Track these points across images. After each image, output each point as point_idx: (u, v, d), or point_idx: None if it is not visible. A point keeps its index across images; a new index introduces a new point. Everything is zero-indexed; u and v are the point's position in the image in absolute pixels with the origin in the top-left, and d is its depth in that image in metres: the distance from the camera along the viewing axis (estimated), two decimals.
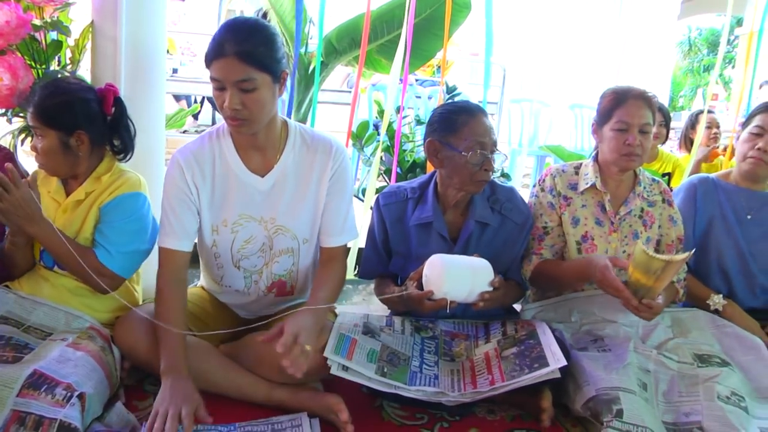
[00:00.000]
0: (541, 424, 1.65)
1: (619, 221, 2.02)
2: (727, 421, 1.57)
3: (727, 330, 1.98)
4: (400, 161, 2.63)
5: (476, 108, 1.87)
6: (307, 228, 1.76)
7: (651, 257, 1.65)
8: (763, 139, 2.10)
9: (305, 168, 1.72)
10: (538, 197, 2.05)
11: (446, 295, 1.65)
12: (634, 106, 1.91)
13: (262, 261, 1.76)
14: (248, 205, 1.70)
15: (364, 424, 1.58)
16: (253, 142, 1.66)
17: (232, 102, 1.50)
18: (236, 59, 1.48)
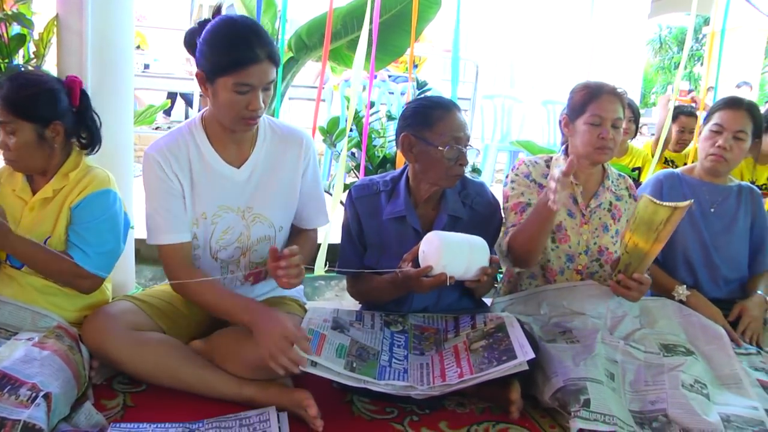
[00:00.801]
0: (510, 416, 1.67)
1: (590, 213, 2.06)
2: (690, 408, 1.62)
3: (692, 320, 2.03)
4: (370, 156, 2.64)
5: (450, 103, 1.88)
6: (282, 215, 1.80)
7: (658, 205, 1.74)
8: (722, 136, 2.15)
9: (278, 158, 1.76)
10: (516, 181, 2.07)
11: (444, 269, 1.66)
12: (608, 101, 1.96)
13: (239, 251, 1.78)
14: (226, 197, 1.72)
15: (334, 419, 1.59)
16: (231, 136, 1.69)
17: (260, 104, 1.56)
18: (269, 63, 1.55)
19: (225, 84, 1.55)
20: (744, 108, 2.16)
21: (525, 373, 1.59)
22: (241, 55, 1.52)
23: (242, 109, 1.58)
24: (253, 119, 1.61)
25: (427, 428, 1.61)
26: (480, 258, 1.71)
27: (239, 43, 1.53)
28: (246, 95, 1.55)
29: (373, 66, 2.63)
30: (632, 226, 1.84)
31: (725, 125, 2.15)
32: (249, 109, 1.57)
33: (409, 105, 1.92)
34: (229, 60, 1.53)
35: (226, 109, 1.59)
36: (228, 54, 1.53)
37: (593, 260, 2.07)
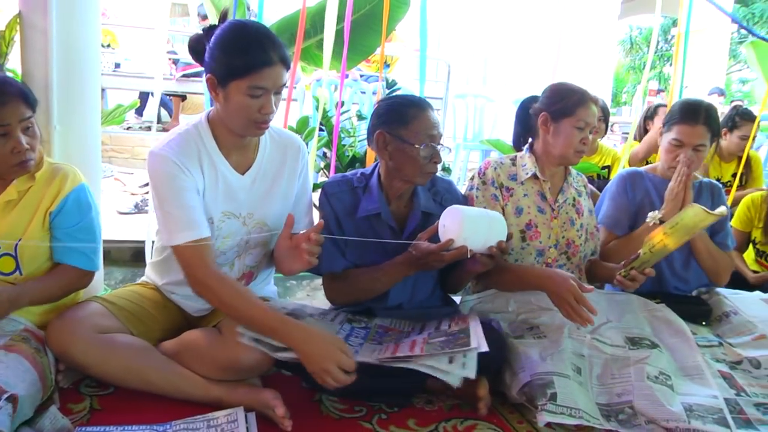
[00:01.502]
0: (478, 412, 1.69)
1: (558, 208, 2.11)
2: (655, 399, 1.66)
3: (657, 314, 2.07)
4: (339, 156, 2.64)
5: (424, 102, 1.89)
6: (281, 221, 1.79)
7: (709, 214, 1.89)
8: (683, 150, 2.19)
9: (278, 164, 1.79)
10: (481, 190, 2.09)
11: (465, 241, 1.66)
12: (592, 108, 2.04)
13: (234, 254, 1.78)
14: (230, 203, 1.72)
15: (302, 419, 1.59)
16: (238, 142, 1.70)
17: (272, 107, 1.57)
18: (282, 66, 1.56)
19: (238, 87, 1.54)
20: (701, 122, 2.18)
21: (494, 370, 1.61)
22: (256, 58, 1.52)
23: (255, 113, 1.57)
24: (265, 123, 1.61)
25: (395, 426, 1.62)
26: (499, 231, 1.73)
27: (254, 46, 1.52)
28: (259, 99, 1.55)
29: (345, 65, 2.63)
30: (668, 230, 1.92)
31: (685, 141, 2.19)
32: (261, 113, 1.57)
33: (382, 103, 1.92)
34: (244, 63, 1.52)
35: (238, 113, 1.58)
36: (242, 57, 1.52)
37: (561, 253, 2.11)
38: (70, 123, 1.79)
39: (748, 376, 1.95)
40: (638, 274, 1.95)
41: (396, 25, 3.03)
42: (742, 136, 3.68)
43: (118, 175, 5.02)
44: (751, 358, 1.99)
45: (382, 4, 2.59)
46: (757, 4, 16.34)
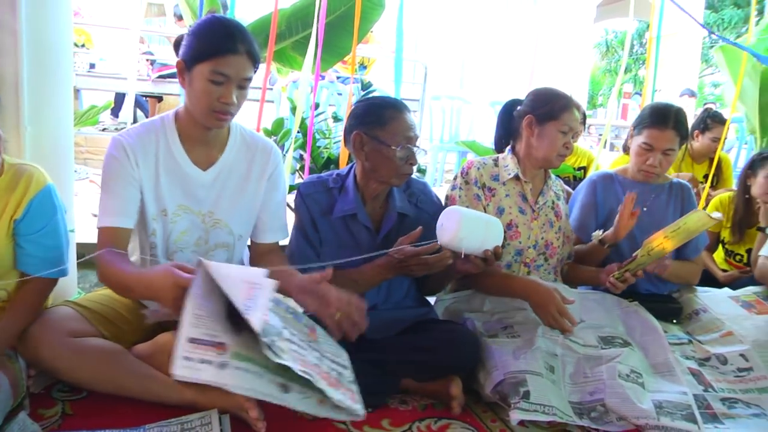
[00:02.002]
0: (452, 411, 1.70)
1: (539, 210, 2.14)
2: (626, 397, 1.69)
3: (631, 313, 2.10)
4: (315, 157, 2.64)
5: (401, 103, 1.90)
6: (243, 224, 1.80)
7: (711, 219, 1.97)
8: (653, 154, 2.24)
9: (245, 165, 1.77)
10: (464, 189, 2.10)
11: (461, 242, 1.68)
12: (576, 113, 2.08)
13: (196, 256, 1.74)
14: (188, 197, 1.72)
15: (276, 420, 1.58)
16: (201, 136, 1.70)
17: (233, 98, 1.57)
18: (247, 58, 1.57)
19: (202, 72, 1.56)
20: (671, 126, 2.22)
21: (466, 369, 1.62)
22: (221, 43, 1.55)
23: (214, 101, 1.58)
24: (224, 114, 1.60)
25: (369, 426, 1.62)
26: (495, 235, 1.75)
27: (221, 33, 1.57)
28: (220, 86, 1.56)
29: (319, 67, 2.63)
30: (669, 234, 1.99)
31: (654, 145, 2.23)
32: (221, 102, 1.58)
33: (359, 103, 1.92)
34: (209, 47, 1.55)
35: (199, 99, 1.59)
36: (209, 41, 1.56)
37: (540, 254, 2.14)
38: (42, 124, 1.76)
39: (716, 372, 1.99)
40: (630, 276, 2.01)
41: (371, 27, 3.04)
42: (713, 138, 3.75)
43: (94, 177, 4.96)
44: (719, 354, 2.04)
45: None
46: (726, 10, 16.72)
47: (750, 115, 4.74)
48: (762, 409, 1.85)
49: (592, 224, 2.33)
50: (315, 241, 1.88)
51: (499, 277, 1.99)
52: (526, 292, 1.89)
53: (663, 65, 7.47)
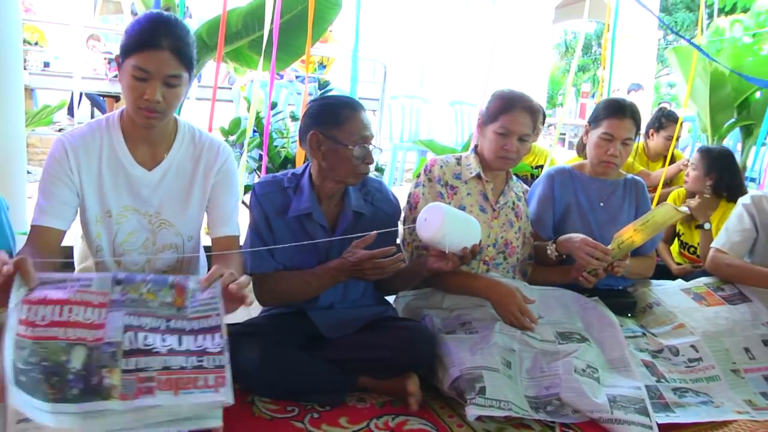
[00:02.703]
0: (409, 408, 1.70)
1: (499, 209, 2.16)
2: (581, 391, 1.71)
3: (589, 308, 2.13)
4: (272, 156, 2.62)
5: (356, 103, 1.90)
6: (191, 225, 1.76)
7: (678, 211, 2.07)
8: (613, 144, 2.27)
9: (192, 165, 1.73)
10: (427, 187, 2.11)
11: (443, 238, 1.70)
12: (519, 116, 2.04)
13: (143, 258, 1.73)
14: (134, 198, 1.68)
15: (234, 421, 1.56)
16: (145, 135, 1.66)
17: (156, 95, 1.51)
18: (171, 54, 1.51)
19: (127, 67, 1.52)
20: (628, 116, 2.28)
21: (423, 367, 1.63)
22: (143, 38, 1.51)
23: (139, 98, 1.53)
24: (150, 111, 1.55)
25: (327, 425, 1.62)
26: (474, 235, 1.78)
27: (147, 28, 1.52)
28: (144, 83, 1.52)
29: (274, 66, 2.61)
30: (638, 227, 2.06)
31: (614, 134, 2.26)
32: (144, 98, 1.52)
33: (314, 103, 1.90)
34: (134, 42, 1.51)
35: (127, 96, 1.56)
36: (134, 37, 1.52)
37: (499, 252, 2.15)
38: None
39: (668, 363, 2.04)
40: (602, 271, 2.06)
41: (328, 26, 3.02)
42: (667, 136, 3.85)
43: None
44: (671, 346, 2.08)
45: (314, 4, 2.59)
46: (680, 14, 17.24)
47: (701, 114, 4.87)
48: (709, 397, 1.91)
49: (549, 218, 2.35)
50: (269, 242, 1.86)
51: (461, 276, 1.99)
52: (488, 291, 1.91)
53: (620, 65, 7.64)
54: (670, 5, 17.45)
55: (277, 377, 1.71)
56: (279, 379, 1.71)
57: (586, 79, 17.23)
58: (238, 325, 1.82)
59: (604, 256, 2.04)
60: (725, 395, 1.92)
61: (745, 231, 2.37)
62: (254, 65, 2.81)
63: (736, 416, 1.82)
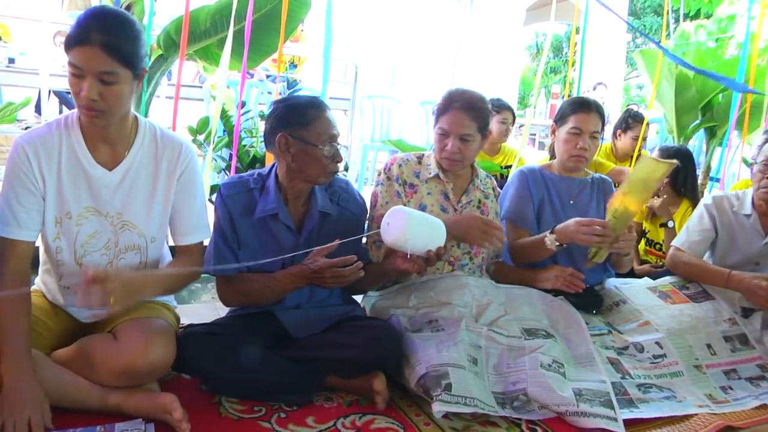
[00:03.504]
0: (376, 407, 1.71)
1: (462, 208, 2.16)
2: (547, 386, 1.74)
3: (555, 306, 2.16)
4: (241, 156, 2.60)
5: (322, 102, 1.89)
6: (154, 226, 1.73)
7: (659, 162, 1.99)
8: (582, 138, 2.30)
9: (154, 164, 1.70)
10: (385, 185, 2.11)
11: (407, 242, 1.70)
12: (456, 116, 2.04)
13: (105, 259, 1.69)
14: (95, 199, 1.65)
15: (201, 421, 1.56)
16: (103, 134, 1.62)
17: (91, 92, 1.47)
18: (101, 50, 1.45)
19: (67, 64, 1.49)
20: (594, 110, 2.32)
21: (390, 365, 1.63)
22: (75, 34, 1.47)
23: (77, 96, 1.50)
24: (89, 110, 1.51)
25: (294, 424, 1.61)
26: (438, 237, 1.77)
27: (80, 23, 1.48)
28: (79, 79, 1.48)
29: (245, 65, 2.59)
30: (625, 189, 2.04)
31: (582, 128, 2.29)
32: (81, 96, 1.48)
33: (280, 105, 1.88)
34: (68, 38, 1.49)
35: (72, 93, 1.52)
36: (70, 33, 1.49)
37: (464, 253, 2.16)
38: None
39: (633, 359, 2.07)
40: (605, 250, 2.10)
41: (297, 25, 3.01)
42: (634, 136, 3.92)
43: None
44: (636, 343, 2.12)
45: (282, 4, 2.57)
46: (648, 17, 17.56)
47: (668, 115, 4.96)
48: (672, 392, 1.95)
49: (531, 212, 2.36)
50: (233, 243, 1.85)
51: None
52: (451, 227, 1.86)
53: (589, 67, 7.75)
54: (638, 9, 17.78)
55: (243, 377, 1.70)
56: (246, 379, 1.70)
57: (558, 80, 17.46)
58: (205, 325, 1.81)
59: (603, 230, 2.04)
60: (688, 390, 1.97)
61: (704, 231, 2.45)
62: None
63: (696, 410, 1.86)
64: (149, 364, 1.57)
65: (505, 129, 3.88)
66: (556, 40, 18.84)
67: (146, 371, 1.57)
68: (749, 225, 2.41)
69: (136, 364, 1.55)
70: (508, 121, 3.89)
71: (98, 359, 1.57)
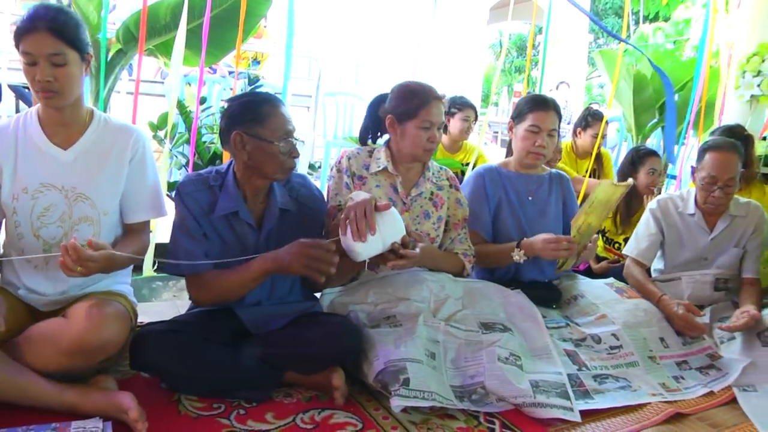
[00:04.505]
0: (335, 402, 1.72)
1: (411, 201, 2.16)
2: (504, 379, 1.77)
3: (511, 300, 2.18)
4: (201, 152, 2.57)
5: (275, 98, 1.88)
6: (106, 199, 1.81)
7: (617, 186, 2.15)
8: (540, 136, 2.33)
9: (107, 146, 1.81)
10: (335, 179, 2.12)
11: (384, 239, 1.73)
12: (436, 107, 2.07)
13: (61, 231, 1.76)
14: (50, 175, 1.74)
15: (160, 420, 1.55)
16: (59, 117, 1.74)
17: (45, 74, 1.61)
18: (49, 33, 1.61)
19: (20, 56, 1.63)
20: (552, 108, 2.36)
21: (348, 360, 1.63)
22: (22, 24, 1.62)
23: (33, 81, 1.63)
24: (46, 92, 1.65)
25: (253, 420, 1.61)
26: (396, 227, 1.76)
27: (25, 17, 1.63)
28: (34, 66, 1.62)
29: (203, 61, 2.56)
30: (587, 210, 2.21)
31: (540, 125, 2.33)
32: (37, 81, 1.62)
33: (233, 102, 1.87)
34: (16, 32, 1.62)
35: (28, 82, 1.65)
36: (17, 28, 1.62)
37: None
38: None
39: (591, 351, 2.12)
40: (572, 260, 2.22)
41: (258, 21, 2.99)
42: (593, 134, 4.00)
43: None
44: (593, 334, 2.17)
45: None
46: (609, 19, 17.93)
47: (627, 114, 5.08)
48: (628, 382, 2.01)
49: (486, 214, 2.39)
50: (201, 239, 1.82)
51: None
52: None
53: (552, 66, 7.90)
54: (600, 11, 18.11)
55: (203, 374, 1.69)
56: (205, 377, 1.69)
57: (521, 79, 17.67)
58: (163, 322, 1.79)
59: (570, 245, 2.15)
60: (642, 379, 2.03)
61: (651, 236, 2.55)
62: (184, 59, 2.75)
63: (650, 398, 1.93)
64: (99, 340, 1.58)
65: (467, 126, 3.92)
66: (520, 39, 19.06)
67: (95, 347, 1.58)
68: (694, 224, 2.50)
69: (85, 339, 1.56)
70: (470, 118, 3.94)
71: (45, 340, 1.57)
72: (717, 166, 2.37)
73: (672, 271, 2.55)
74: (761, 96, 3.87)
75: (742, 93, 3.96)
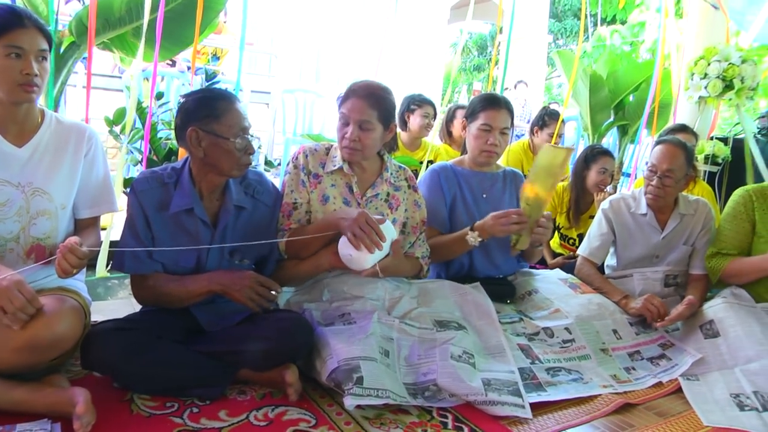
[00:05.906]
0: (288, 398, 1.72)
1: (366, 202, 2.15)
2: (457, 376, 1.79)
3: (467, 298, 2.21)
4: (156, 149, 2.54)
5: (231, 94, 1.88)
6: (64, 193, 1.81)
7: (558, 149, 2.13)
8: (492, 134, 2.37)
9: (61, 143, 1.81)
10: (291, 174, 2.11)
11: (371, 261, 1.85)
12: (354, 103, 2.03)
13: (18, 226, 1.75)
14: (5, 172, 1.73)
15: (111, 419, 1.54)
16: (14, 115, 1.73)
17: (33, 69, 1.66)
18: (37, 31, 1.67)
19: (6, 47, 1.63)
20: (504, 106, 2.40)
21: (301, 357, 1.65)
22: (8, 19, 1.64)
23: (17, 74, 1.64)
24: (31, 86, 1.67)
25: (206, 419, 1.61)
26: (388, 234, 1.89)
27: (8, 11, 1.66)
28: (20, 60, 1.64)
29: (157, 56, 2.52)
30: (532, 178, 2.15)
31: (493, 124, 2.37)
32: (23, 74, 1.64)
33: (189, 98, 1.85)
34: (3, 23, 1.63)
35: (2, 77, 1.65)
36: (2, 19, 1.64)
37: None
38: None
39: (544, 344, 2.17)
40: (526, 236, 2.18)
41: (215, 17, 2.95)
42: (550, 133, 4.08)
43: None
44: (547, 328, 2.22)
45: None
46: (568, 20, 18.24)
47: (583, 114, 5.18)
48: (580, 374, 2.06)
49: (443, 211, 2.41)
50: (146, 241, 1.81)
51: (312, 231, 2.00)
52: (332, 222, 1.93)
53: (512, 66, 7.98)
54: (560, 12, 18.38)
55: (154, 373, 1.67)
56: (157, 375, 1.68)
57: (481, 78, 17.85)
58: (115, 321, 1.76)
59: (519, 218, 2.13)
60: (594, 371, 2.09)
61: (602, 236, 2.62)
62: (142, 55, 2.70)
63: (601, 390, 1.98)
64: (53, 335, 1.56)
65: (426, 123, 3.94)
66: (481, 38, 19.23)
67: (48, 343, 1.56)
68: (646, 223, 2.57)
69: (39, 335, 1.53)
70: (430, 115, 3.96)
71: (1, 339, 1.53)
72: (658, 156, 2.46)
73: (624, 269, 2.62)
74: (708, 97, 4.00)
75: (691, 94, 4.08)
